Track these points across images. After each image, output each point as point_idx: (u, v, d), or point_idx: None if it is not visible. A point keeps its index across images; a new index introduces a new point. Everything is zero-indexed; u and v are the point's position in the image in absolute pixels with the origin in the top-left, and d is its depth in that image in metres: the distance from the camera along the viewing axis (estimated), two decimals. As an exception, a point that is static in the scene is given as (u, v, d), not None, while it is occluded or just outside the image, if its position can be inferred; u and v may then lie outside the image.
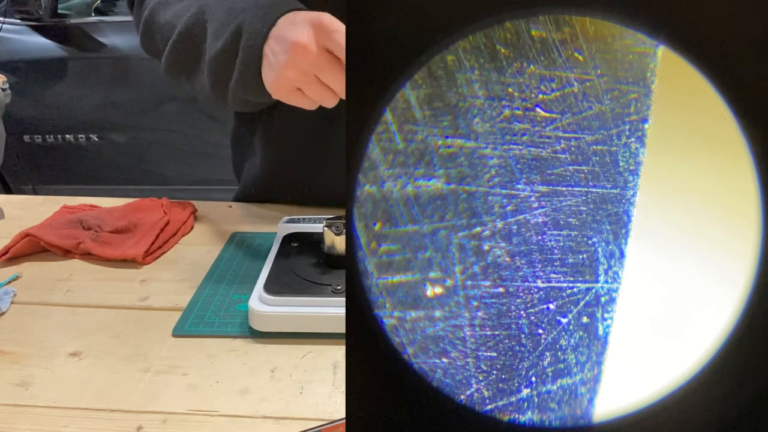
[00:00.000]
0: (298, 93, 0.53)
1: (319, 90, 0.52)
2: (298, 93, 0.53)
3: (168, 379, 0.45)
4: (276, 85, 0.53)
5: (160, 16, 0.65)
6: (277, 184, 0.78)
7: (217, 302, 0.55)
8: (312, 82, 0.52)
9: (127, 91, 1.98)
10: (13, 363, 0.47)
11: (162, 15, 0.64)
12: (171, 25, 0.63)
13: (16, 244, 0.63)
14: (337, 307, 0.49)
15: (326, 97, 0.53)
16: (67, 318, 0.53)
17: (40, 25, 1.95)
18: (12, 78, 1.89)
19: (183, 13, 0.62)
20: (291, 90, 0.53)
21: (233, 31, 0.55)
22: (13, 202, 0.79)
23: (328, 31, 0.50)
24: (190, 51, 0.61)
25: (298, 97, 0.54)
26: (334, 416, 0.41)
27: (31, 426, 0.41)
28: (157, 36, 0.66)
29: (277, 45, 0.52)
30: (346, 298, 0.27)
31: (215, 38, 0.57)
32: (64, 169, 2.09)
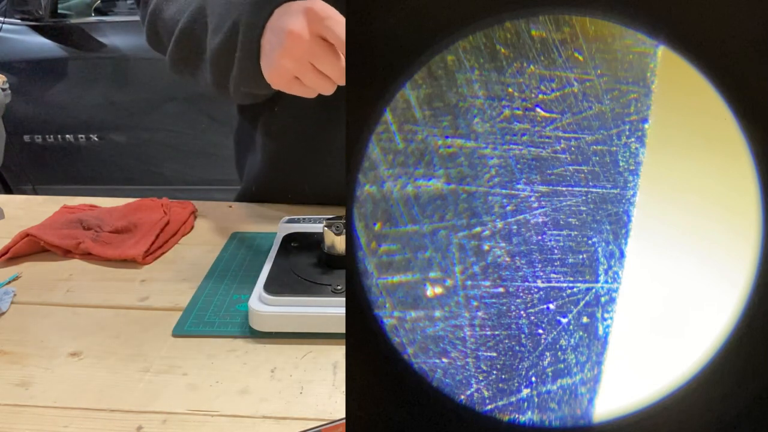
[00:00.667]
0: (296, 82, 0.54)
1: (316, 78, 0.53)
2: (296, 82, 0.54)
3: (168, 379, 0.45)
4: (274, 74, 0.54)
5: (164, 12, 0.65)
6: (278, 181, 0.78)
7: (217, 302, 0.55)
8: (308, 69, 0.53)
9: (127, 91, 1.98)
10: (13, 363, 0.47)
11: (166, 11, 0.65)
12: (174, 20, 0.63)
13: (16, 244, 0.63)
14: (337, 307, 0.49)
15: (323, 85, 0.54)
16: (67, 318, 0.53)
17: (40, 25, 1.95)
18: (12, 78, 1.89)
19: (185, 9, 0.62)
20: (289, 79, 0.54)
21: (231, 25, 0.56)
22: (13, 202, 0.79)
23: (320, 18, 0.50)
24: (192, 46, 0.62)
25: (296, 86, 0.55)
26: (334, 416, 0.41)
27: (31, 426, 0.41)
28: (162, 31, 0.67)
29: (272, 35, 0.53)
30: (346, 298, 0.27)
31: (215, 33, 0.58)
32: (64, 169, 2.09)
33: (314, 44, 0.51)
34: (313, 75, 0.53)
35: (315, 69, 0.53)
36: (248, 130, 0.80)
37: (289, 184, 0.78)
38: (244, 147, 0.83)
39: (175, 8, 0.64)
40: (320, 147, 0.73)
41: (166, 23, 0.65)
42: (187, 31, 0.61)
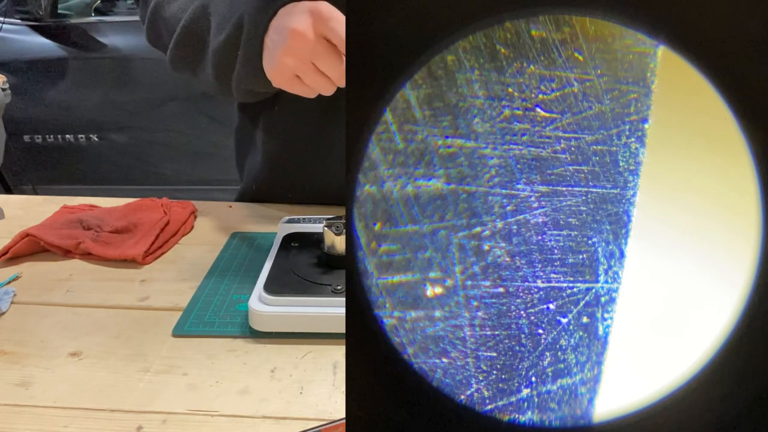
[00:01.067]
0: (297, 80, 0.54)
1: (317, 78, 0.53)
2: (297, 80, 0.54)
3: (168, 379, 0.45)
4: (275, 72, 0.54)
5: (166, 9, 0.65)
6: (278, 181, 0.78)
7: (217, 302, 0.55)
8: (310, 69, 0.53)
9: (127, 91, 1.98)
10: (13, 363, 0.47)
11: (167, 8, 0.65)
12: (176, 18, 0.63)
13: (16, 244, 0.63)
14: (337, 307, 0.49)
15: (324, 85, 0.54)
16: (67, 318, 0.53)
17: (40, 25, 1.95)
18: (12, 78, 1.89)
19: (187, 7, 0.62)
20: (290, 77, 0.54)
21: (235, 24, 0.56)
22: (13, 202, 0.79)
23: (325, 19, 0.50)
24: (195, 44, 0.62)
25: (296, 85, 0.55)
26: (334, 416, 0.41)
27: (31, 426, 0.41)
28: (163, 29, 0.67)
29: (276, 34, 0.53)
30: (346, 298, 0.27)
31: (218, 31, 0.58)
32: (64, 169, 2.09)
33: (317, 44, 0.51)
34: (314, 75, 0.53)
35: (316, 69, 0.53)
36: (248, 130, 0.80)
37: (289, 183, 0.78)
38: (244, 147, 0.83)
39: (177, 6, 0.64)
40: (320, 147, 0.73)
41: (167, 21, 0.65)
42: (190, 29, 0.62)
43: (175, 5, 0.65)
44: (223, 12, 0.58)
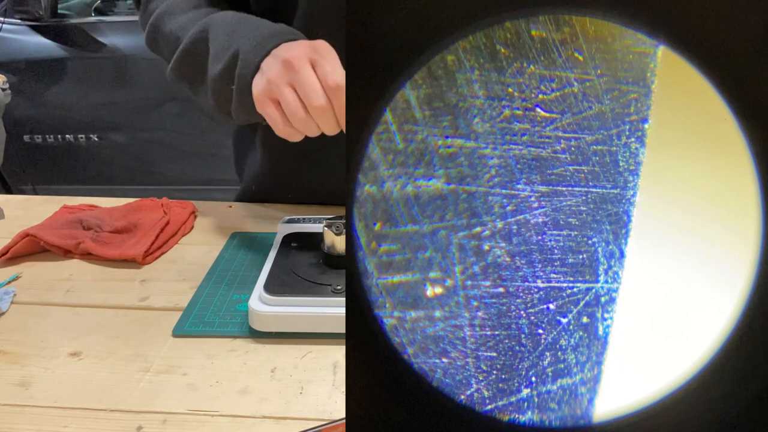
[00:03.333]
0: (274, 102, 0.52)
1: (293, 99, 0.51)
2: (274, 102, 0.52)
3: (168, 379, 0.45)
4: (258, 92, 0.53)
5: (166, 24, 0.65)
6: (278, 181, 0.78)
7: (217, 302, 0.55)
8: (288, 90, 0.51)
9: (127, 91, 1.98)
10: (13, 363, 0.47)
11: (167, 24, 0.65)
12: (175, 36, 0.63)
13: (16, 244, 0.63)
14: (337, 307, 0.49)
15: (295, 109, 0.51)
16: (67, 318, 0.53)
17: (40, 25, 1.95)
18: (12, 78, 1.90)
19: (187, 27, 0.62)
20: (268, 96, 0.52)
21: (231, 56, 0.56)
22: (13, 202, 0.79)
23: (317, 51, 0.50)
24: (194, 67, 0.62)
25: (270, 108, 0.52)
26: (334, 416, 0.41)
27: (31, 426, 0.41)
28: (162, 43, 0.67)
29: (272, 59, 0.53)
30: (346, 298, 0.27)
31: (215, 60, 0.58)
32: (64, 169, 2.09)
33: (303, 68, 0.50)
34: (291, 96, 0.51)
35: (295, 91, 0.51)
36: (248, 130, 0.80)
37: (289, 183, 0.78)
38: (243, 147, 0.83)
39: (176, 24, 0.64)
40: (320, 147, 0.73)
41: (166, 36, 0.65)
42: (189, 52, 0.61)
43: (175, 22, 0.64)
44: (221, 41, 0.57)
